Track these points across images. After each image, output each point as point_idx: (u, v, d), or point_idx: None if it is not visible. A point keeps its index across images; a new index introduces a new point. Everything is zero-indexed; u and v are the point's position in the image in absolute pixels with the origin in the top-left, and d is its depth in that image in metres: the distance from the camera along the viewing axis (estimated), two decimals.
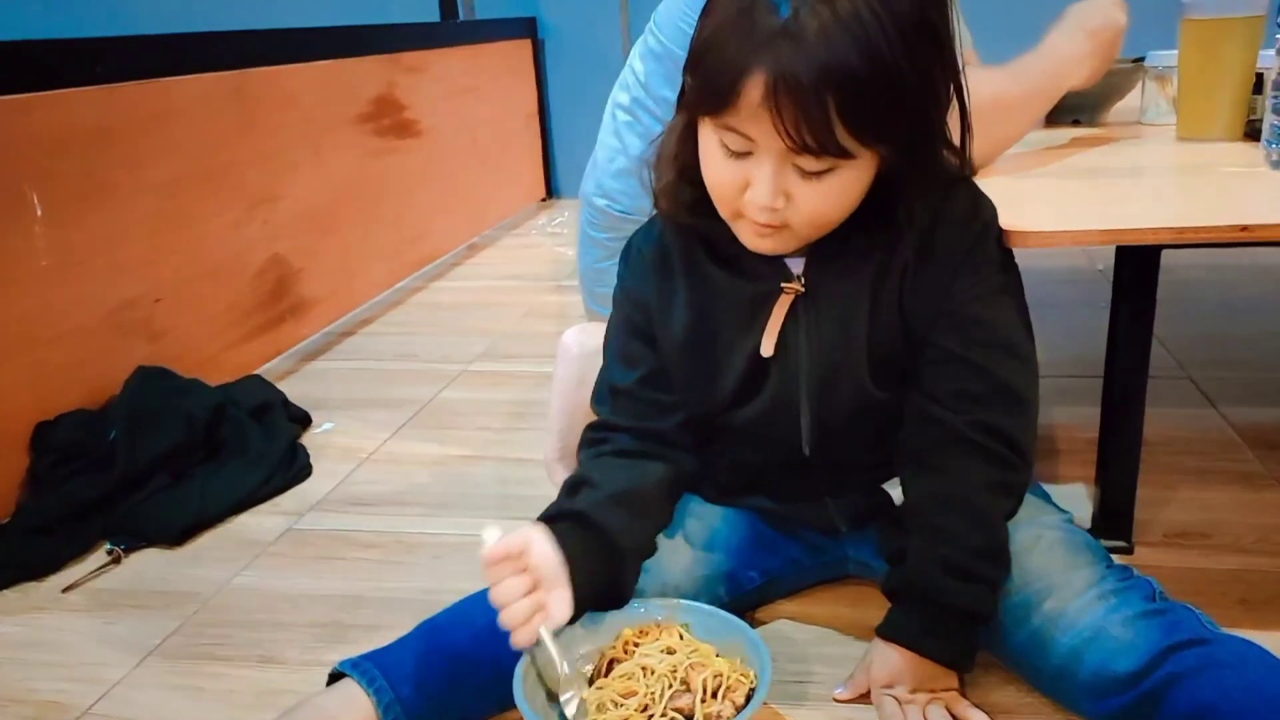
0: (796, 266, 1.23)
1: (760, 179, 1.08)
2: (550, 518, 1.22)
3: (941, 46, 1.07)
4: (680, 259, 1.29)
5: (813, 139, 1.01)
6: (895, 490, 1.31)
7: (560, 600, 1.14)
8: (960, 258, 1.19)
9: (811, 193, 1.09)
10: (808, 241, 1.17)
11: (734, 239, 1.20)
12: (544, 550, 1.15)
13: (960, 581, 1.16)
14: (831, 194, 1.09)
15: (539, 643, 1.13)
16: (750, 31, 1.00)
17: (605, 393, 1.38)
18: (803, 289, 1.22)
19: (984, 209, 1.21)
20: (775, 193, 1.08)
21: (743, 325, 1.25)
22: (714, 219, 1.19)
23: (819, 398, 1.25)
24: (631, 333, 1.35)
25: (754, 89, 1.01)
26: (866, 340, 1.21)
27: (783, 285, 1.22)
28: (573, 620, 1.16)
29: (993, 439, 1.19)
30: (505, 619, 1.12)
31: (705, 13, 1.08)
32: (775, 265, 1.23)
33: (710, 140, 1.11)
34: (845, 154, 1.04)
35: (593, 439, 1.35)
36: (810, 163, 1.06)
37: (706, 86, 1.07)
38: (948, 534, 1.17)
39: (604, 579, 1.23)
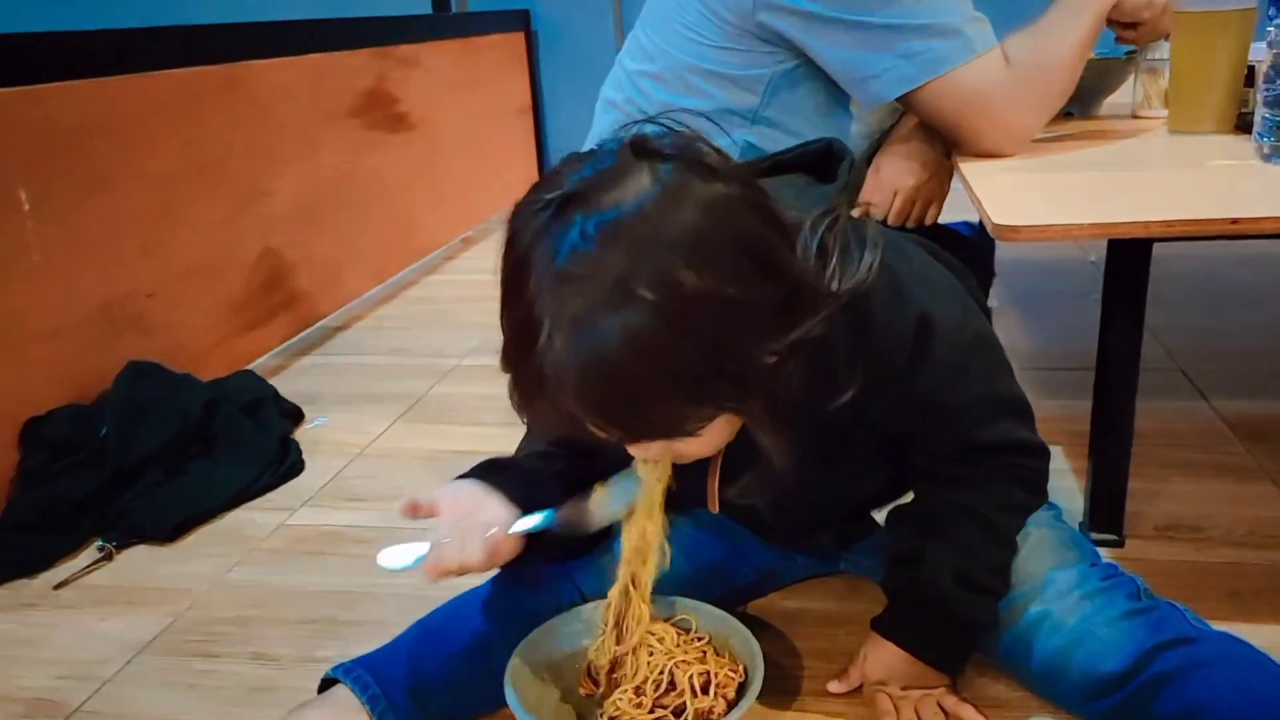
0: None
1: (627, 447, 1.01)
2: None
3: (732, 306, 0.88)
4: None
5: (631, 440, 0.95)
6: (880, 514, 1.31)
7: (494, 507, 1.14)
8: (907, 367, 1.08)
9: (684, 444, 0.98)
10: None
11: None
12: (453, 488, 1.16)
13: (971, 595, 1.15)
14: (705, 439, 0.99)
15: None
16: (527, 362, 0.90)
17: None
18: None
19: (909, 297, 1.07)
20: (643, 450, 1.02)
21: (678, 479, 1.16)
22: None
23: (784, 508, 1.18)
24: (558, 442, 1.27)
25: (559, 409, 0.91)
26: (819, 468, 1.09)
27: None
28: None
29: (1017, 469, 1.18)
30: (438, 559, 1.12)
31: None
32: None
33: None
34: (678, 435, 0.95)
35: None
36: None
37: (520, 390, 0.97)
38: (968, 548, 1.16)
39: (532, 484, 1.20)
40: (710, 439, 0.99)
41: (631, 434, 0.92)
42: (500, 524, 1.12)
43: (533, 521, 1.15)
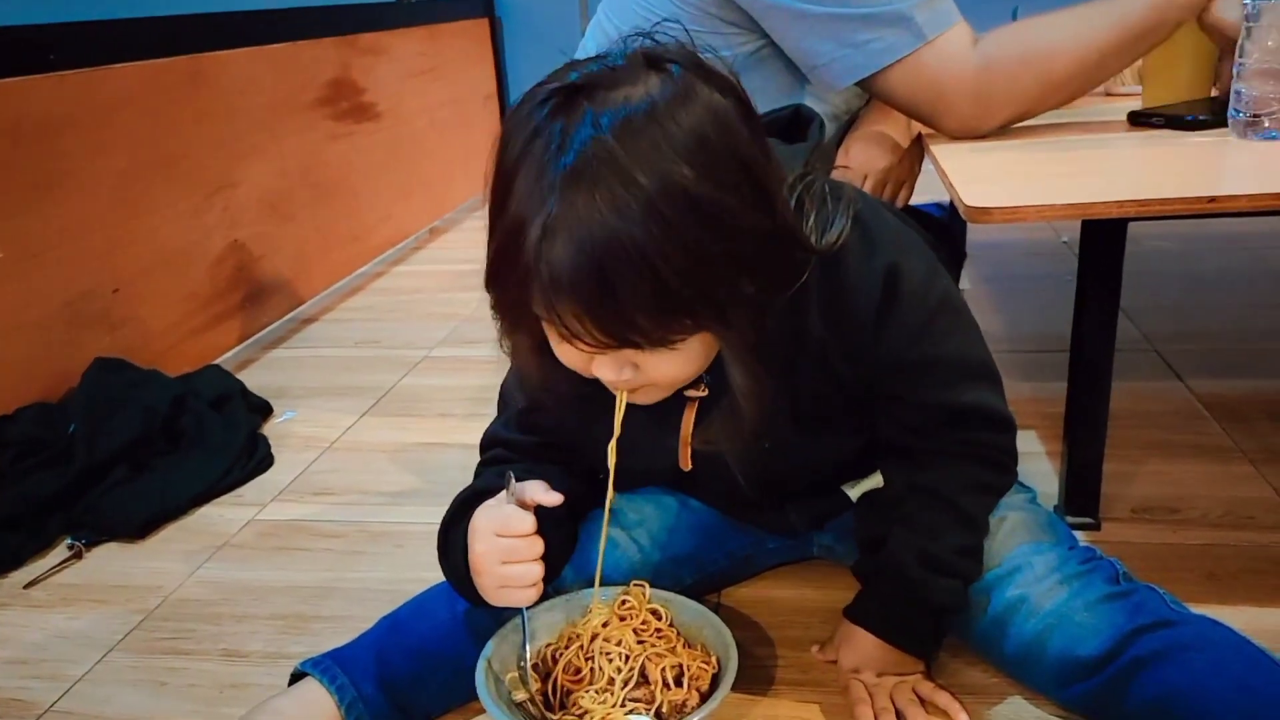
0: None
1: (599, 359, 0.97)
2: (481, 494, 1.17)
3: (721, 224, 0.89)
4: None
5: (605, 337, 0.91)
6: (853, 490, 1.30)
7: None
8: (875, 319, 1.07)
9: (656, 360, 0.97)
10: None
11: None
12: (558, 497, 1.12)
13: (938, 577, 1.15)
14: (679, 361, 0.98)
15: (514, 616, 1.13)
16: (518, 252, 0.88)
17: (500, 439, 1.30)
18: (706, 391, 1.12)
19: (878, 249, 1.06)
20: (617, 367, 0.97)
21: (647, 434, 1.16)
22: None
23: (755, 467, 1.17)
24: (529, 410, 1.27)
25: (539, 300, 0.90)
26: (788, 422, 1.14)
27: (685, 393, 1.13)
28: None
29: (973, 446, 1.16)
30: (516, 576, 1.09)
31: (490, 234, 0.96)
32: None
33: (545, 324, 0.97)
34: (657, 344, 0.93)
35: (493, 458, 1.28)
36: None
37: (503, 300, 0.96)
38: (931, 530, 1.15)
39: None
40: (682, 362, 0.98)
41: (612, 336, 0.90)
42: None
43: None
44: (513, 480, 1.11)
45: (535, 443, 1.26)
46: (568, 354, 0.99)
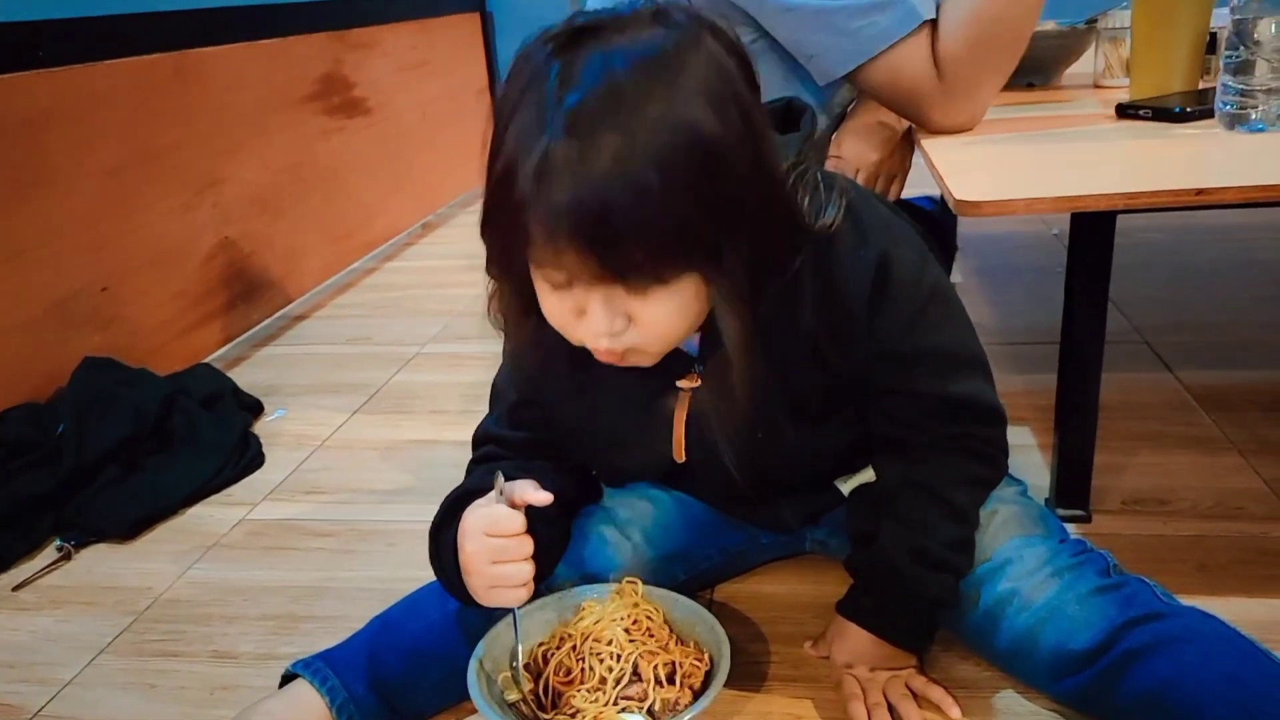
0: (691, 346, 1.13)
1: (591, 305, 0.95)
2: (472, 494, 1.16)
3: (723, 168, 0.89)
4: (565, 354, 1.10)
5: (605, 271, 0.91)
6: (845, 485, 1.30)
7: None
8: (867, 309, 1.08)
9: (650, 308, 0.95)
10: (664, 354, 1.05)
11: None
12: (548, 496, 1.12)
13: (929, 571, 1.15)
14: (672, 309, 0.96)
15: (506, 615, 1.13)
16: (515, 182, 0.89)
17: (492, 436, 1.30)
18: (700, 380, 1.13)
19: (870, 239, 1.07)
20: (609, 317, 0.95)
21: (640, 426, 1.18)
22: None
23: (748, 459, 1.16)
24: (521, 404, 1.27)
25: (535, 232, 0.90)
26: (782, 411, 1.15)
27: (678, 383, 1.14)
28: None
29: (963, 440, 1.16)
30: (506, 576, 1.09)
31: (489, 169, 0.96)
32: (670, 356, 1.07)
33: (536, 278, 0.98)
34: (652, 280, 0.93)
35: (484, 455, 1.29)
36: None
37: (496, 244, 0.96)
38: (922, 525, 1.16)
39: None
40: (675, 312, 0.97)
41: (607, 269, 0.90)
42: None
43: None
44: (502, 480, 1.11)
45: (527, 439, 1.26)
46: (557, 309, 0.98)
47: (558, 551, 1.26)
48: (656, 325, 0.97)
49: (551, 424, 1.25)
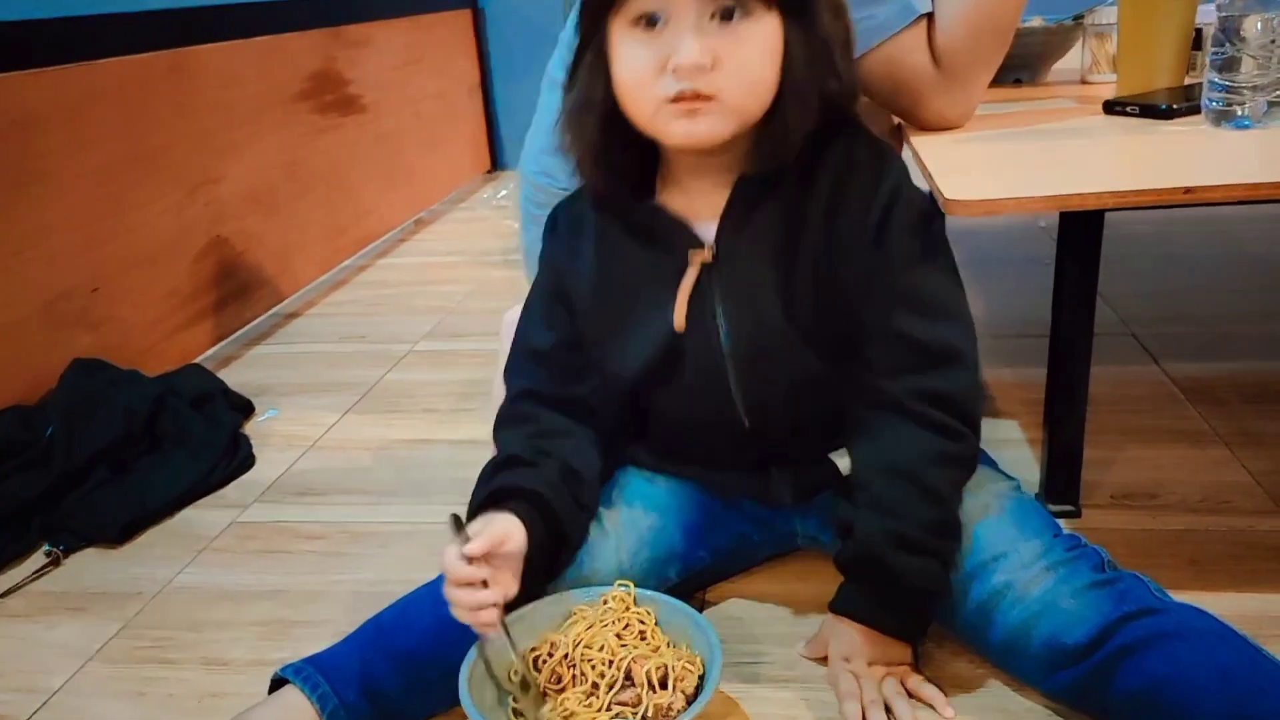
0: (708, 234, 1.21)
1: (682, 37, 1.07)
2: (502, 492, 1.19)
3: None
4: (593, 226, 1.28)
5: None
6: (843, 460, 1.29)
7: (510, 583, 1.13)
8: (873, 223, 1.17)
9: (735, 43, 1.08)
10: (740, 123, 1.13)
11: (649, 210, 1.22)
12: (518, 543, 1.14)
13: (909, 556, 1.15)
14: (754, 45, 1.09)
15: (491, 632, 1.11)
16: None
17: (522, 358, 1.35)
18: (711, 258, 1.20)
19: (889, 166, 1.19)
20: (702, 48, 1.07)
21: (653, 298, 1.23)
22: (635, 180, 1.23)
23: (747, 371, 1.23)
24: (551, 296, 1.33)
25: None
26: (781, 310, 1.20)
27: (689, 253, 1.21)
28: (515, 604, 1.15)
29: (935, 406, 1.17)
30: (467, 602, 1.09)
31: None
32: (685, 234, 1.22)
33: (621, 37, 1.11)
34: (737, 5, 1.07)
35: (513, 415, 1.32)
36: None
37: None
38: (893, 507, 1.16)
39: (547, 565, 1.22)
40: (755, 59, 1.10)
41: None
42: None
43: None
44: (458, 526, 1.11)
45: (557, 395, 1.31)
46: (642, 60, 1.10)
47: (572, 547, 1.27)
48: (739, 61, 1.08)
49: (576, 339, 1.31)
